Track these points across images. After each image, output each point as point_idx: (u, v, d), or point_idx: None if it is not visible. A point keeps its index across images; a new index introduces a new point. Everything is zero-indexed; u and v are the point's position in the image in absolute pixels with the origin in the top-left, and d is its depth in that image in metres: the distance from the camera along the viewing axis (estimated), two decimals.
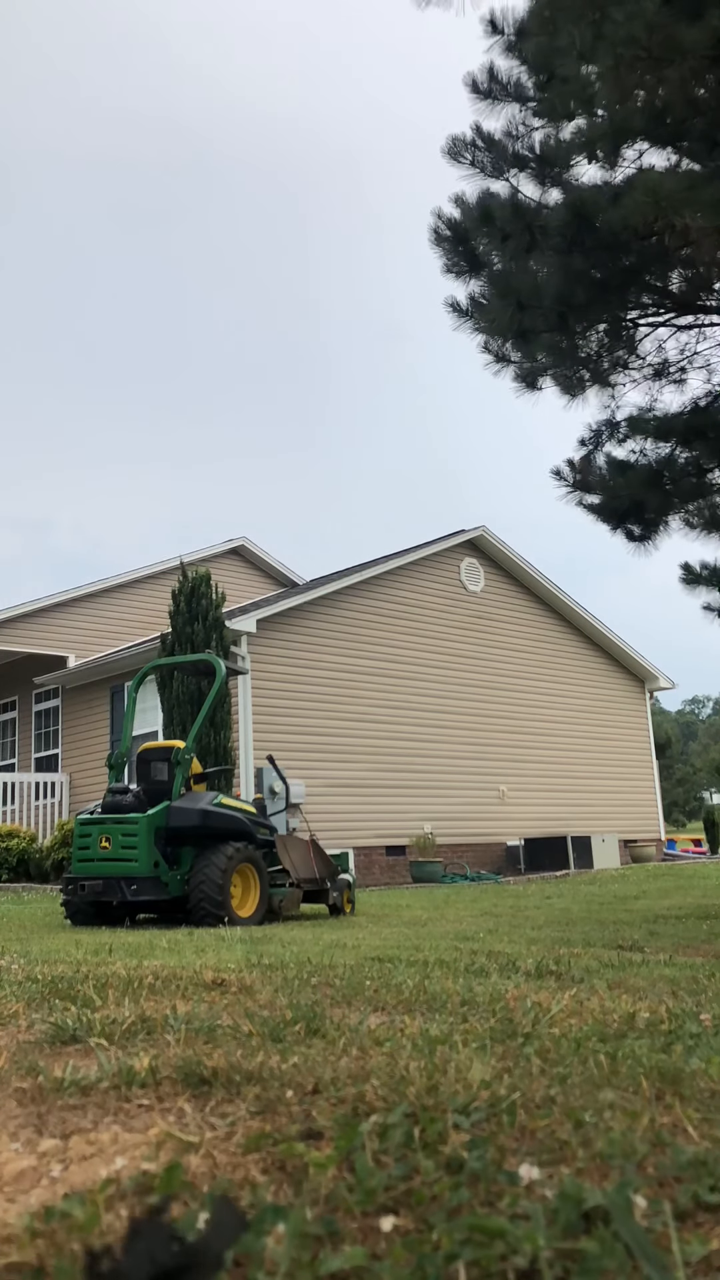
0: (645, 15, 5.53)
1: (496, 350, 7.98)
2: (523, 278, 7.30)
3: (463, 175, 7.63)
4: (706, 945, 5.59)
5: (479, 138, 7.54)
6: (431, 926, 7.01)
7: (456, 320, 7.94)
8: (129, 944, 5.16)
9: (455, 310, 7.93)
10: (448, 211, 7.75)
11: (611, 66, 5.85)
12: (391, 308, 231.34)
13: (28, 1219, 1.17)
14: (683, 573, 9.05)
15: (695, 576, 8.99)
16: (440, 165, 7.64)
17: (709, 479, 8.08)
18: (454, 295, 7.93)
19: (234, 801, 8.52)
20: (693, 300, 7.79)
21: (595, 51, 5.84)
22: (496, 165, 7.51)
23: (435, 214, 7.77)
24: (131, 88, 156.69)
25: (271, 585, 21.38)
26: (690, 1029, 2.30)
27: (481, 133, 7.54)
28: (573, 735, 19.85)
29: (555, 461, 8.66)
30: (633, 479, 8.08)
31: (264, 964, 3.67)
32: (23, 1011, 2.51)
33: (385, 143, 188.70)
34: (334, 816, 14.89)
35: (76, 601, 18.81)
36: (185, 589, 13.75)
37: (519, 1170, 1.26)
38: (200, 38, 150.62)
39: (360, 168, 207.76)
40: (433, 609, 18.09)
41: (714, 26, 5.55)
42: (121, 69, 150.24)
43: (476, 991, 2.84)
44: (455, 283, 7.89)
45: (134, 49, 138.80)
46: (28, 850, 14.80)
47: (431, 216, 7.78)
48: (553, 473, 8.58)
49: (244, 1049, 1.97)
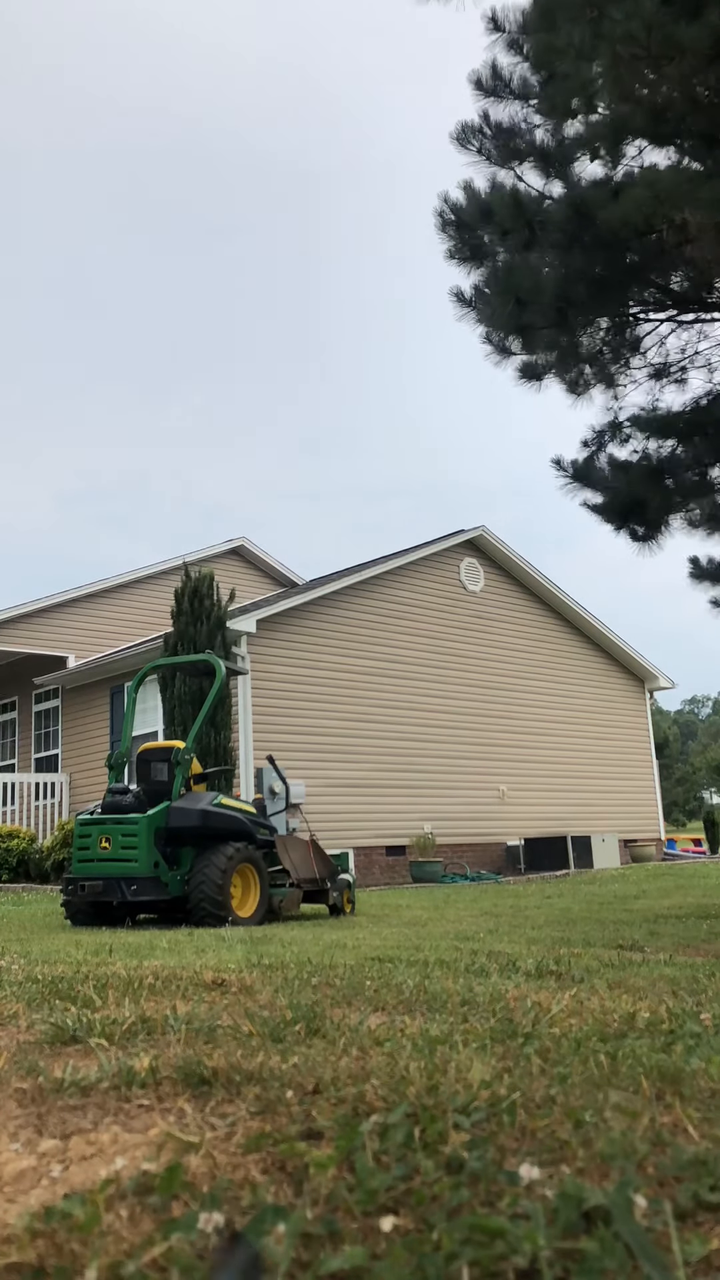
0: (644, 14, 5.53)
1: (498, 342, 7.97)
2: (523, 274, 7.28)
3: (469, 162, 7.64)
4: (707, 945, 5.59)
5: (486, 125, 7.54)
6: (431, 926, 7.01)
7: (459, 310, 7.93)
8: (129, 944, 5.15)
9: (459, 300, 7.91)
10: (454, 196, 7.73)
11: (611, 65, 5.85)
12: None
13: (28, 1219, 1.17)
14: (691, 567, 9.06)
15: (703, 572, 8.99)
16: (442, 151, 7.64)
17: (710, 477, 8.07)
18: (458, 285, 7.92)
19: (234, 802, 8.52)
20: (694, 298, 7.78)
21: (595, 50, 5.84)
22: (503, 154, 7.52)
23: (442, 198, 7.74)
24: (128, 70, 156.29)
25: (271, 585, 21.38)
26: (690, 1029, 2.29)
27: (489, 120, 7.54)
28: (572, 735, 19.85)
29: (560, 455, 8.64)
30: (635, 478, 8.08)
31: (264, 964, 3.67)
32: (23, 1012, 2.51)
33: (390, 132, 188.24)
34: (334, 816, 14.89)
35: (76, 601, 18.81)
36: (188, 589, 13.75)
37: (519, 1170, 1.26)
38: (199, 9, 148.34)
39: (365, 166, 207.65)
40: (432, 609, 18.09)
41: (713, 25, 5.55)
42: (122, 59, 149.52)
43: (477, 991, 2.84)
44: (458, 270, 7.86)
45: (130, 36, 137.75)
46: (28, 851, 14.80)
47: (438, 200, 7.75)
48: (553, 462, 8.56)
49: (244, 1049, 1.97)
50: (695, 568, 9.03)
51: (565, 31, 5.96)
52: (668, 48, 5.65)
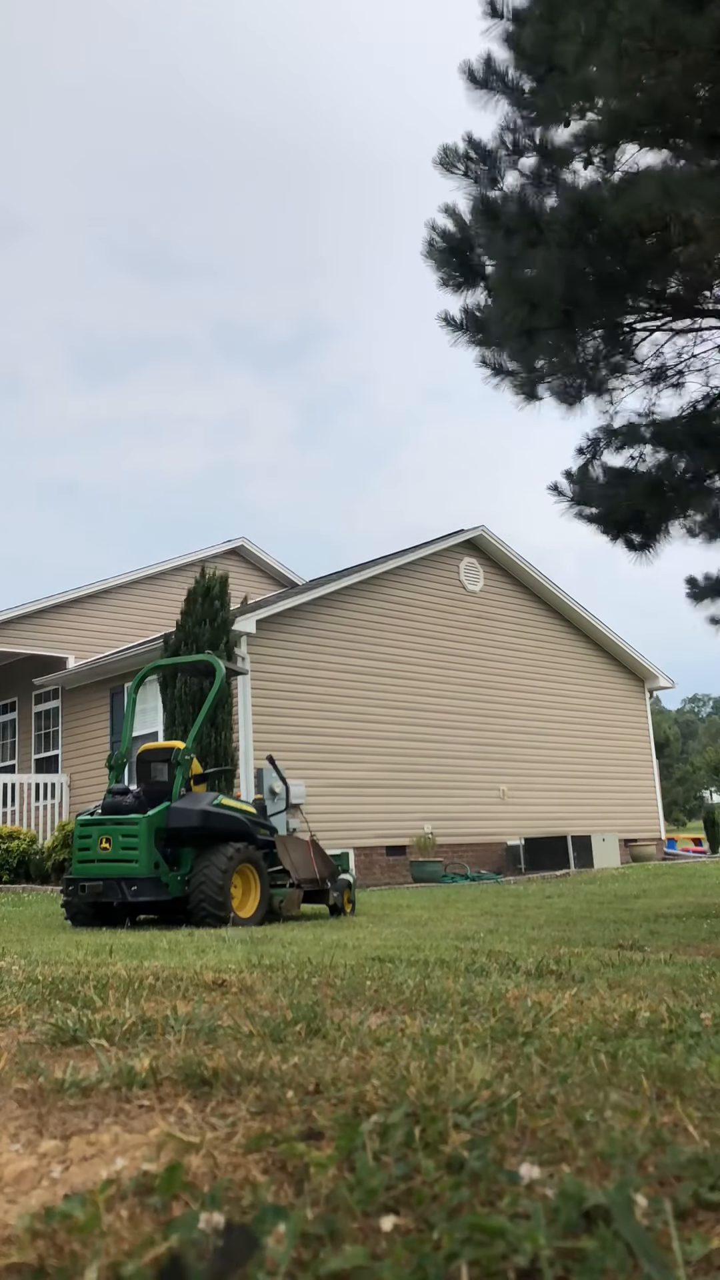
0: (649, 7, 5.53)
1: (494, 363, 7.96)
2: (526, 274, 7.25)
3: (455, 187, 7.60)
4: (707, 944, 5.59)
5: (471, 149, 7.50)
6: (432, 926, 7.01)
7: (452, 335, 7.92)
8: (129, 945, 5.16)
9: (450, 324, 7.90)
10: (441, 223, 7.72)
11: (615, 56, 5.82)
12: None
13: (28, 1220, 1.17)
14: (688, 587, 8.97)
15: (701, 591, 8.92)
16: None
17: (708, 484, 8.05)
18: (448, 310, 7.91)
19: (234, 802, 8.52)
20: (690, 303, 7.77)
21: (599, 41, 5.82)
22: (490, 176, 7.48)
23: (429, 226, 7.72)
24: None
25: (271, 585, 21.39)
26: (691, 1028, 2.30)
27: (474, 142, 7.51)
28: (573, 735, 19.85)
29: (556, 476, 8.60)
30: (632, 486, 8.04)
31: (265, 964, 3.67)
32: (23, 1012, 2.51)
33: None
34: (334, 817, 14.89)
35: (76, 602, 18.80)
36: (201, 589, 13.75)
37: (520, 1169, 1.26)
38: None
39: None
40: (432, 609, 18.09)
41: (716, 19, 5.54)
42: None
43: (477, 991, 2.84)
44: (451, 297, 7.86)
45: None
46: (28, 851, 14.80)
47: (425, 229, 7.74)
48: (550, 488, 8.51)
49: (245, 1049, 1.97)
50: (693, 588, 8.94)
51: (571, 18, 5.92)
52: (671, 41, 5.64)
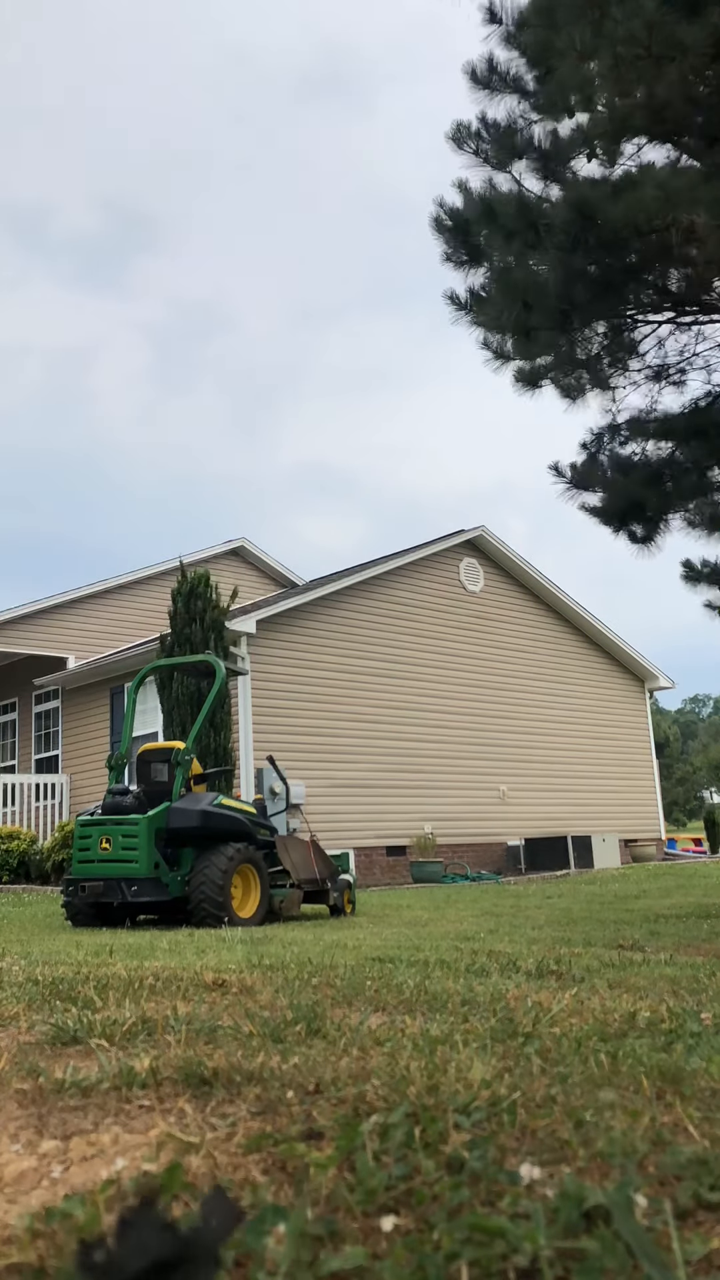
0: (645, 13, 5.53)
1: (496, 346, 7.93)
2: (525, 274, 7.26)
3: (466, 165, 7.57)
4: (707, 944, 5.59)
5: (484, 127, 7.49)
6: (432, 926, 7.01)
7: (455, 313, 7.88)
8: (129, 945, 5.16)
9: (454, 303, 7.86)
10: (450, 200, 7.67)
11: (612, 65, 5.84)
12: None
13: (28, 1220, 1.17)
14: (684, 570, 9.05)
15: (696, 574, 8.98)
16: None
17: (709, 477, 8.07)
18: (453, 288, 7.87)
19: (234, 802, 8.51)
20: (692, 299, 7.77)
21: (596, 50, 5.83)
22: (500, 156, 7.47)
23: (437, 202, 7.67)
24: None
25: (271, 585, 21.39)
26: (691, 1028, 2.30)
27: (486, 121, 7.49)
28: (573, 735, 19.85)
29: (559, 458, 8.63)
30: (634, 479, 8.07)
31: (265, 965, 3.67)
32: (23, 1013, 2.51)
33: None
34: (334, 817, 14.89)
35: (76, 602, 18.81)
36: (184, 590, 13.74)
37: (520, 1170, 1.26)
38: None
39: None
40: (432, 609, 18.09)
41: (714, 24, 5.55)
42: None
43: (477, 991, 2.84)
44: (455, 273, 7.82)
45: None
46: (28, 852, 14.81)
47: (433, 205, 7.69)
48: (551, 468, 8.55)
49: (245, 1049, 1.97)
50: (689, 570, 9.01)
51: (565, 33, 5.94)
52: (669, 47, 5.65)
